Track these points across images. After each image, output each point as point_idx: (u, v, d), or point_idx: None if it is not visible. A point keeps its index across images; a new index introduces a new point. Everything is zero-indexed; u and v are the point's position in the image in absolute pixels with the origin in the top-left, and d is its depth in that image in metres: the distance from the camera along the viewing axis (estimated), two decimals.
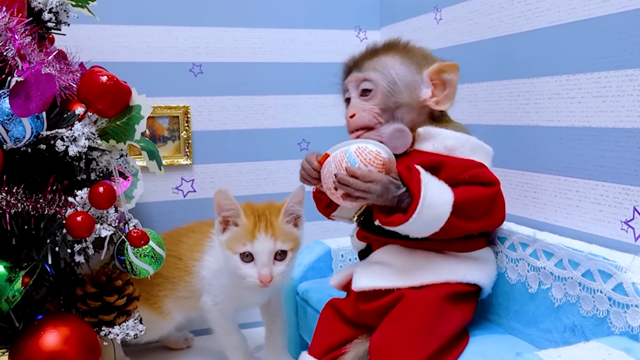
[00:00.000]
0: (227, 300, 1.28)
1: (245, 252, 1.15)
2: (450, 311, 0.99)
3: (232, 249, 1.16)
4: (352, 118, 1.06)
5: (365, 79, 1.06)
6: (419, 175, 0.93)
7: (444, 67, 1.04)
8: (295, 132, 1.68)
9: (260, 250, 1.15)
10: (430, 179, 0.95)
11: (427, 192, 0.92)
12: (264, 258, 1.15)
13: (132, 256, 1.05)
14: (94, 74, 0.98)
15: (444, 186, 0.95)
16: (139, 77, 1.51)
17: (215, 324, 1.33)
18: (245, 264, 1.15)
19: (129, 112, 1.01)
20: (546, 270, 0.98)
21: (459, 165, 1.00)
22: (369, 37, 1.72)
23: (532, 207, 1.15)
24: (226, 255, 1.18)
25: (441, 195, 0.94)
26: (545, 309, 0.99)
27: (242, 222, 1.17)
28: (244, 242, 1.14)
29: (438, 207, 0.93)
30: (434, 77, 1.05)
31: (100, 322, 1.06)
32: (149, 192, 1.54)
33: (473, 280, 1.02)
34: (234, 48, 1.60)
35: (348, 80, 1.10)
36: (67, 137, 0.98)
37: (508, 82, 1.20)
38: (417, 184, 0.93)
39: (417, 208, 0.91)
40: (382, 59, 1.07)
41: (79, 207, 0.99)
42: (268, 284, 1.14)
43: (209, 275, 1.30)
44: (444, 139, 1.03)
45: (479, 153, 1.04)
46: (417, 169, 0.95)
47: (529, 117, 1.15)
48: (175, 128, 1.55)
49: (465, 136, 1.05)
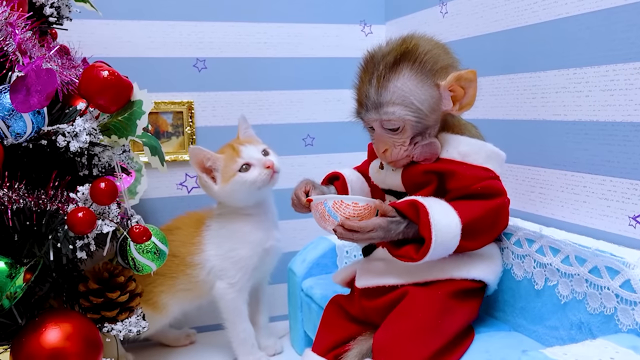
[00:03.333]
0: (245, 276, 1.33)
1: (241, 164, 1.29)
2: (455, 308, 0.98)
3: (231, 174, 1.29)
4: (385, 154, 1.03)
5: (388, 120, 0.99)
6: (428, 216, 0.92)
7: (461, 75, 0.97)
8: (300, 127, 1.67)
9: (250, 153, 1.31)
10: (437, 212, 0.93)
11: (437, 234, 0.91)
12: (257, 155, 1.31)
13: (135, 252, 1.04)
14: (94, 69, 0.97)
15: (449, 214, 0.94)
16: (143, 72, 1.50)
17: (229, 308, 1.35)
18: (247, 172, 1.29)
19: (130, 108, 1.00)
20: (552, 267, 0.96)
21: (472, 175, 0.98)
22: (374, 32, 1.71)
23: (539, 203, 1.14)
24: (230, 186, 1.29)
25: (449, 229, 0.93)
26: (552, 305, 0.97)
27: (221, 157, 1.31)
28: (235, 160, 1.29)
29: (448, 242, 0.93)
30: (453, 85, 0.99)
31: (102, 318, 1.05)
32: (153, 187, 1.54)
33: (478, 276, 1.01)
34: (238, 43, 1.59)
35: (367, 120, 1.03)
36: (68, 132, 0.97)
37: (514, 76, 1.19)
38: (427, 226, 0.91)
39: (429, 251, 0.92)
40: (397, 84, 0.97)
41: (80, 203, 0.99)
42: (274, 167, 1.29)
43: (219, 261, 1.34)
44: (458, 145, 1.02)
45: (493, 161, 1.02)
46: (424, 206, 0.93)
47: (536, 111, 1.13)
48: (179, 124, 1.55)
49: (480, 143, 1.03)
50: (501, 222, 1.02)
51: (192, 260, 1.34)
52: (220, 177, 1.31)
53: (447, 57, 1.02)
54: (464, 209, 0.95)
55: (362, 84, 1.03)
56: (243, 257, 1.33)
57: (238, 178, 1.29)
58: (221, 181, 1.31)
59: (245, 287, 1.35)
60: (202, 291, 1.37)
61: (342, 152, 1.71)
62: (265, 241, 1.35)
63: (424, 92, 0.97)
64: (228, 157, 1.31)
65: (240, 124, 1.40)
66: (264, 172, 1.29)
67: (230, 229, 1.35)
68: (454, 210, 0.94)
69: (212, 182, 1.32)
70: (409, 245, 0.94)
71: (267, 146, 1.36)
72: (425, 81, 0.97)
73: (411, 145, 1.00)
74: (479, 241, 1.00)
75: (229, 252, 1.34)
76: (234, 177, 1.29)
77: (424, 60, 0.98)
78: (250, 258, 1.33)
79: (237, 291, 1.34)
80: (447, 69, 0.99)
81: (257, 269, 1.36)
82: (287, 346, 1.52)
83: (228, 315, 1.36)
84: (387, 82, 0.98)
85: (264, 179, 1.29)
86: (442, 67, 0.99)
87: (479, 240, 0.99)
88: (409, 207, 0.94)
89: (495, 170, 1.02)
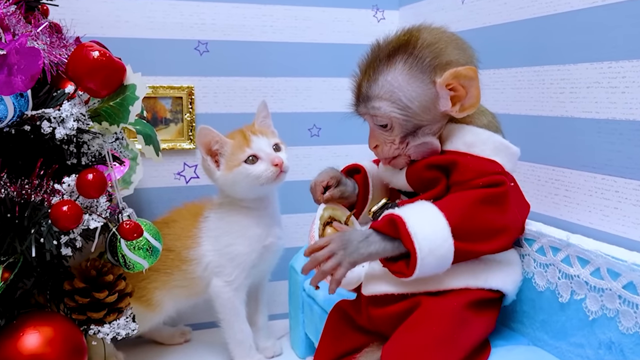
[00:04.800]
0: (242, 274, 1.27)
1: (248, 155, 1.21)
2: (472, 320, 0.90)
3: (235, 163, 1.22)
4: (376, 150, 0.98)
5: (374, 115, 0.94)
6: (405, 227, 0.84)
7: (459, 73, 0.89)
8: (306, 117, 1.59)
9: (260, 146, 1.23)
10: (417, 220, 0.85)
11: (422, 243, 0.84)
12: (267, 149, 1.23)
13: (126, 249, 0.98)
14: (84, 48, 0.89)
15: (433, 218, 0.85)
16: (141, 54, 1.43)
17: (226, 307, 1.29)
18: (253, 165, 1.22)
19: (122, 92, 0.92)
20: (580, 279, 0.88)
21: (475, 167, 0.90)
22: (387, 18, 1.62)
23: (563, 207, 1.05)
24: (232, 175, 1.23)
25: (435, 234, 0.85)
26: (578, 321, 0.89)
27: (229, 143, 1.24)
28: (243, 149, 1.22)
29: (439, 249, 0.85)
30: (451, 83, 0.90)
31: (88, 319, 0.98)
32: (149, 177, 1.46)
33: (496, 286, 0.93)
34: (243, 26, 1.50)
35: (359, 113, 0.99)
36: (54, 118, 0.89)
37: (540, 68, 1.10)
38: (407, 238, 0.84)
39: (416, 263, 0.84)
40: (387, 78, 0.91)
41: (66, 195, 0.91)
42: (282, 167, 1.22)
43: (215, 257, 1.27)
44: (463, 135, 0.93)
45: (502, 154, 0.94)
46: (400, 217, 0.85)
47: (563, 107, 1.05)
48: (179, 110, 1.47)
49: (488, 133, 0.94)
50: (506, 215, 0.91)
51: (187, 255, 1.27)
52: (224, 163, 1.24)
53: (455, 52, 0.92)
54: (449, 205, 0.87)
55: (358, 74, 0.98)
56: (240, 253, 1.26)
57: (242, 169, 1.22)
58: (224, 168, 1.24)
59: (242, 286, 1.29)
60: (199, 288, 1.30)
61: (350, 144, 1.63)
62: (265, 238, 1.28)
63: (415, 88, 0.90)
64: (236, 145, 1.24)
65: (260, 111, 1.31)
66: (270, 168, 1.21)
67: (228, 222, 1.28)
68: (439, 212, 0.86)
69: (215, 167, 1.25)
70: (401, 260, 0.87)
71: (280, 140, 1.29)
72: (419, 77, 0.90)
73: (402, 144, 0.95)
74: (485, 242, 0.89)
75: (225, 247, 1.27)
76: (238, 166, 1.22)
77: (421, 53, 0.90)
78: (247, 255, 1.26)
79: (234, 290, 1.27)
80: (450, 65, 0.90)
81: (256, 266, 1.29)
82: (287, 347, 1.44)
83: (224, 315, 1.29)
84: (378, 75, 0.92)
85: (269, 176, 1.22)
86: (444, 62, 0.91)
87: (483, 240, 0.88)
88: (386, 225, 0.87)
89: (504, 165, 0.93)
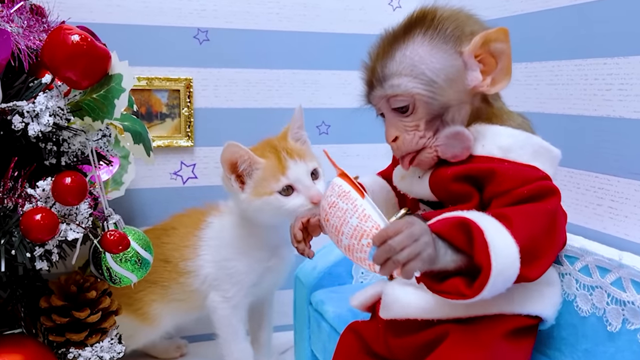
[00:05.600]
0: (240, 292, 1.17)
1: (284, 185, 1.07)
2: (507, 353, 0.78)
3: (267, 192, 1.08)
4: (395, 142, 0.83)
5: (393, 95, 0.81)
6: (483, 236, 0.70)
7: (489, 36, 0.78)
8: (314, 113, 1.49)
9: (298, 176, 1.09)
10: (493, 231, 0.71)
11: (498, 260, 0.69)
12: (306, 181, 1.09)
13: (111, 261, 0.87)
14: (61, 31, 0.76)
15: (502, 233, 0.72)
16: (135, 42, 1.32)
17: (223, 324, 1.19)
18: (287, 197, 1.08)
19: (107, 83, 0.81)
20: (635, 307, 0.76)
21: (516, 175, 0.77)
22: (403, 6, 1.51)
23: (608, 219, 0.93)
24: (260, 203, 1.09)
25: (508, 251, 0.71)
26: (631, 354, 0.77)
27: (261, 164, 1.09)
28: (277, 178, 1.08)
29: (508, 270, 0.71)
30: (480, 52, 0.79)
31: (67, 341, 0.86)
32: (142, 177, 1.36)
33: (534, 311, 0.81)
34: (247, 12, 1.40)
35: (374, 101, 0.85)
36: (27, 112, 0.77)
37: (582, 61, 0.98)
38: (484, 250, 0.70)
39: (488, 282, 0.69)
40: (405, 52, 0.80)
41: (40, 201, 0.79)
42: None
43: (214, 269, 1.17)
44: (497, 137, 0.80)
45: (543, 158, 0.80)
46: (476, 224, 0.71)
47: (610, 106, 0.93)
48: (175, 104, 1.37)
49: (525, 135, 0.81)
50: (560, 232, 0.80)
51: (185, 267, 1.17)
52: (252, 187, 1.09)
53: (477, 24, 0.82)
54: (515, 222, 0.73)
55: (369, 61, 0.86)
56: (238, 271, 1.16)
57: (274, 199, 1.08)
58: (252, 193, 1.09)
59: (241, 304, 1.19)
60: (198, 302, 1.21)
61: (361, 143, 1.53)
62: (268, 259, 1.17)
63: (439, 59, 0.79)
64: (270, 169, 1.09)
65: (295, 119, 1.15)
66: (306, 204, 1.07)
67: (232, 234, 1.17)
68: (503, 227, 0.73)
69: (239, 188, 1.10)
70: (456, 278, 0.72)
71: (318, 164, 1.13)
72: (442, 47, 0.80)
73: (429, 132, 0.81)
74: (540, 265, 0.77)
75: (224, 261, 1.17)
76: (269, 195, 1.08)
77: (442, 23, 0.80)
78: (246, 275, 1.16)
79: (232, 307, 1.18)
80: (474, 35, 0.79)
81: (257, 285, 1.19)
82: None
83: (222, 332, 1.19)
84: (394, 51, 0.81)
85: (302, 213, 1.02)
86: (469, 32, 0.80)
87: (539, 263, 0.76)
88: (454, 229, 0.73)
89: (546, 170, 0.80)
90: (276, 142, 1.13)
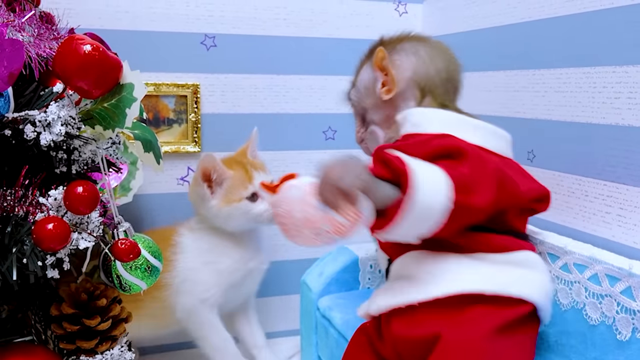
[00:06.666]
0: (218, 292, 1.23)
1: (251, 192, 1.21)
2: (505, 350, 0.78)
3: (236, 199, 1.21)
4: None
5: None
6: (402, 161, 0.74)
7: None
8: (321, 118, 1.49)
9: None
10: (415, 162, 0.75)
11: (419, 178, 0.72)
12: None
13: (121, 269, 0.87)
14: (73, 41, 0.77)
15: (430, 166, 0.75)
16: (142, 48, 1.32)
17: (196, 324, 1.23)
18: (254, 203, 1.21)
19: (118, 92, 0.81)
20: None
21: (414, 142, 0.83)
22: (410, 12, 1.51)
23: (616, 227, 0.93)
24: (229, 209, 1.21)
25: (434, 175, 0.74)
26: None
27: (229, 175, 1.21)
28: (245, 185, 1.21)
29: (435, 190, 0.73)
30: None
31: (78, 349, 0.86)
32: (150, 182, 1.36)
33: (519, 293, 0.79)
34: (254, 18, 1.40)
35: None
36: (39, 121, 0.78)
37: (591, 69, 0.97)
38: (399, 162, 0.73)
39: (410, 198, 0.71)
40: (361, 69, 1.03)
41: (52, 210, 0.79)
42: None
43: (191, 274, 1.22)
44: (410, 117, 0.89)
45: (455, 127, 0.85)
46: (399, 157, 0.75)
47: (619, 114, 0.92)
48: (183, 109, 1.36)
49: (434, 110, 0.90)
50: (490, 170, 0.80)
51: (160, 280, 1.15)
52: (221, 195, 1.21)
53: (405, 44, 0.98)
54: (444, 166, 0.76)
55: None
56: (224, 271, 1.23)
57: (243, 205, 1.21)
58: (221, 200, 1.21)
59: (215, 305, 1.24)
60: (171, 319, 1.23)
61: None
62: (249, 260, 1.26)
63: (367, 74, 1.00)
64: (238, 179, 1.22)
65: (252, 141, 1.29)
66: (270, 209, 1.18)
67: (209, 242, 1.24)
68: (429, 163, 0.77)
69: (210, 195, 1.21)
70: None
71: (272, 177, 1.25)
72: (368, 63, 1.01)
73: (362, 128, 1.02)
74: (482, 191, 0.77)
75: (206, 264, 1.23)
76: (238, 202, 1.20)
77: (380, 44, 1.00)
78: (230, 274, 1.23)
79: (209, 307, 1.23)
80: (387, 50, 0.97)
81: (235, 287, 1.25)
82: None
83: (201, 332, 1.23)
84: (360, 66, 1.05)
85: (267, 217, 1.20)
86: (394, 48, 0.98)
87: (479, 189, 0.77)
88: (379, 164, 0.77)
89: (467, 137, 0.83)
90: (239, 157, 1.26)
